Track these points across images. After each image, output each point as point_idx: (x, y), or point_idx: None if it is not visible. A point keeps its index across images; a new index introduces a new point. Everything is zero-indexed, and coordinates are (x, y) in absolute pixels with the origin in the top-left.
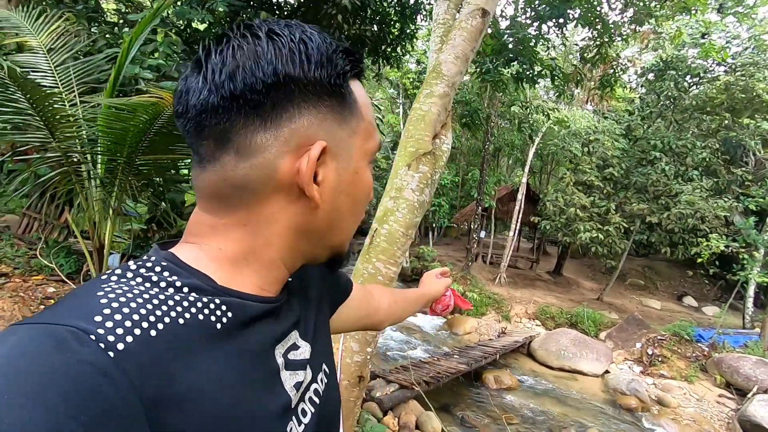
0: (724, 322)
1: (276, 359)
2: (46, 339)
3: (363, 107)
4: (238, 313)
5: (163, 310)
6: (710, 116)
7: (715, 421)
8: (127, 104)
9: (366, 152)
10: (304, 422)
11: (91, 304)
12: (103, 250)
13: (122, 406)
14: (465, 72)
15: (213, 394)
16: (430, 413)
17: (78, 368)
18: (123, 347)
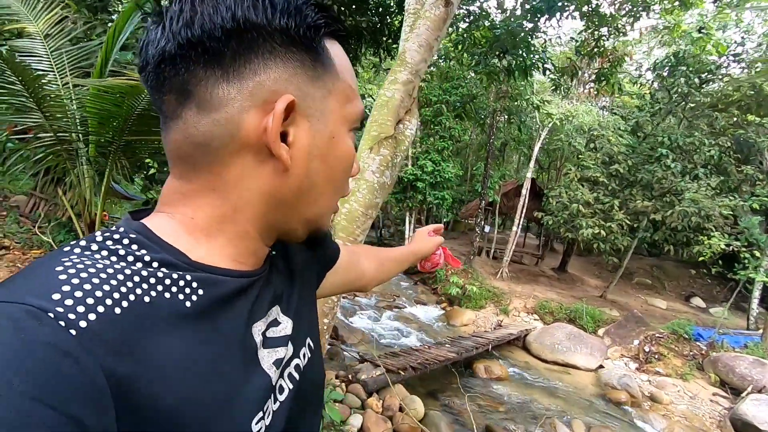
0: (731, 324)
1: (254, 338)
2: (3, 319)
3: (341, 68)
4: (210, 291)
5: (129, 286)
6: (722, 114)
7: (706, 419)
8: (106, 86)
9: (345, 117)
10: (280, 399)
11: (49, 279)
12: (94, 227)
13: (88, 386)
14: (429, 60)
15: (183, 373)
16: (414, 397)
17: (38, 350)
18: (86, 325)
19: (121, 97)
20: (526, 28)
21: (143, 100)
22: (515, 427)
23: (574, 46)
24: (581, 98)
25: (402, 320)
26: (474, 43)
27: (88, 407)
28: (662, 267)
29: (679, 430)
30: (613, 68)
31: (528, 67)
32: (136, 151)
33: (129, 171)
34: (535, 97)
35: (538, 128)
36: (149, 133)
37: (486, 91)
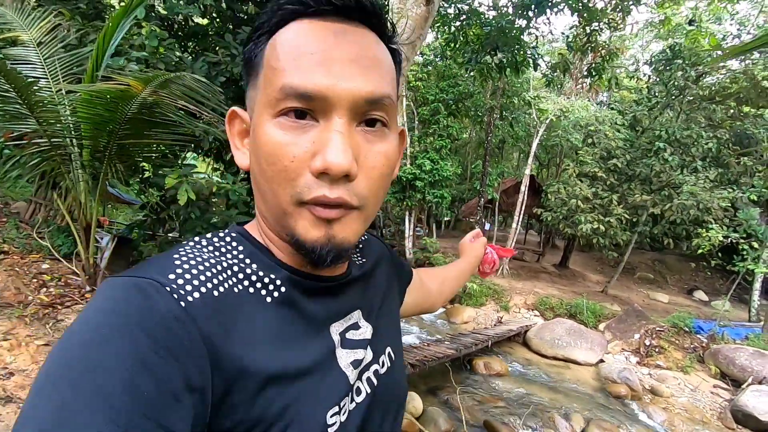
0: (733, 316)
1: (332, 336)
2: (133, 288)
3: (269, 55)
4: (292, 288)
5: (225, 276)
6: (719, 106)
7: (707, 410)
8: (98, 91)
9: (266, 103)
10: (357, 401)
11: (168, 264)
12: (90, 230)
13: (190, 345)
14: (413, 58)
15: (267, 350)
16: (413, 394)
17: (158, 311)
18: (192, 300)
19: (113, 101)
20: (518, 25)
21: (135, 104)
22: (514, 421)
23: (566, 41)
24: (579, 94)
25: (403, 319)
26: (466, 42)
27: (191, 363)
28: (664, 261)
29: (680, 422)
30: (605, 63)
31: (519, 64)
32: (130, 154)
33: (124, 175)
34: (529, 94)
35: (536, 125)
36: (142, 136)
37: (483, 88)
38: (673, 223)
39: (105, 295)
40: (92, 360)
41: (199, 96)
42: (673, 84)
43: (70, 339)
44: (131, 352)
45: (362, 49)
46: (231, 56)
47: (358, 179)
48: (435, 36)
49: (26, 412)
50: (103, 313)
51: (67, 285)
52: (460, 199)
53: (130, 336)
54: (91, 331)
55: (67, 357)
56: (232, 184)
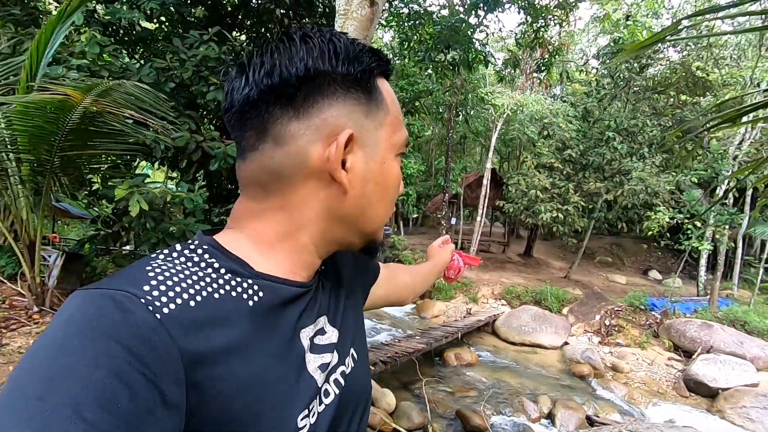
0: (684, 292)
1: (301, 342)
2: (107, 299)
3: (390, 102)
4: (269, 295)
5: (202, 285)
6: (661, 96)
7: (663, 381)
8: (33, 101)
9: (393, 145)
10: (326, 402)
11: (141, 275)
12: (35, 248)
13: (166, 358)
14: None
15: (242, 358)
16: (385, 390)
17: (133, 324)
18: (168, 311)
19: (53, 112)
20: (468, 24)
21: (76, 114)
22: (485, 409)
23: (515, 38)
24: (532, 89)
25: (374, 317)
26: (420, 41)
27: (167, 377)
28: (621, 245)
29: (639, 395)
30: (553, 58)
31: (471, 61)
32: (75, 166)
33: (69, 188)
34: (484, 90)
35: (494, 120)
36: (87, 147)
37: (442, 85)
38: (625, 207)
39: (75, 306)
40: (63, 371)
41: (145, 104)
42: (619, 76)
43: (39, 351)
44: (105, 364)
45: None
46: (180, 61)
47: None
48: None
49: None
50: (75, 324)
51: (12, 307)
52: (425, 195)
53: (104, 347)
54: (62, 343)
55: (36, 369)
56: (188, 192)
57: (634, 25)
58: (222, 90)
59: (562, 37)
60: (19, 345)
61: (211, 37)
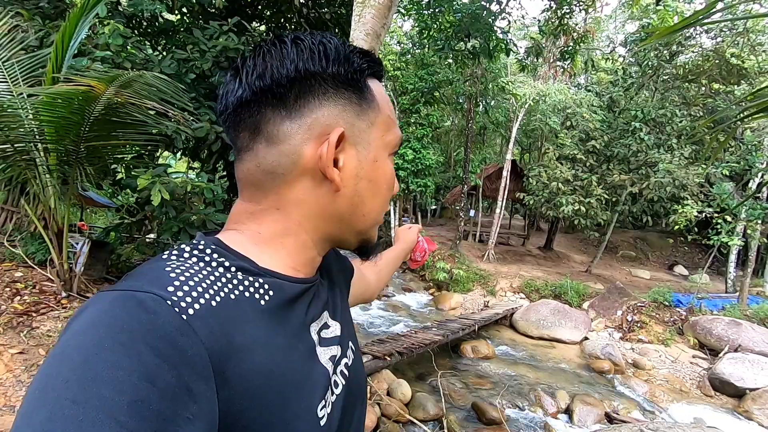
0: (711, 288)
1: (312, 336)
2: (133, 301)
3: (381, 102)
4: (278, 293)
5: (219, 286)
6: (692, 84)
7: (687, 380)
8: (58, 93)
9: (386, 144)
10: (336, 392)
11: (162, 276)
12: (62, 236)
13: (195, 357)
14: (377, 48)
15: (264, 353)
16: (401, 380)
17: (161, 325)
18: (193, 312)
19: (77, 103)
20: (491, 12)
21: (99, 105)
22: (501, 402)
23: (537, 26)
24: (555, 78)
25: (391, 308)
26: (440, 29)
27: (196, 375)
28: (645, 238)
29: (661, 393)
30: (578, 45)
31: (492, 50)
32: (100, 156)
33: (95, 177)
34: (504, 80)
35: (515, 110)
36: (110, 137)
37: (462, 75)
38: (651, 201)
39: (101, 308)
40: (95, 375)
41: (165, 95)
42: (647, 64)
43: (67, 354)
44: (136, 367)
45: None
46: (200, 52)
47: None
48: (411, 25)
49: (28, 416)
50: (104, 327)
51: (42, 292)
52: (444, 187)
53: (134, 350)
54: (91, 346)
55: (65, 372)
56: (208, 182)
57: (665, 10)
58: None
59: (588, 24)
60: (48, 328)
61: (230, 27)
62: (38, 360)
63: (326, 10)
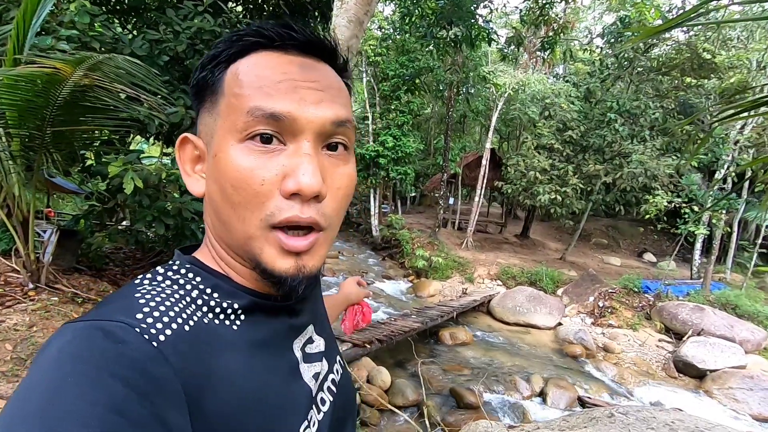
0: (678, 275)
1: (295, 353)
2: (98, 332)
3: (230, 82)
4: (256, 311)
5: (192, 309)
6: (665, 77)
7: (653, 362)
8: (21, 74)
9: (228, 130)
10: (323, 410)
11: (131, 303)
12: (28, 224)
13: (168, 386)
14: (361, 35)
15: (242, 378)
16: (380, 368)
17: (130, 354)
18: (164, 339)
19: (43, 86)
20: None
21: (66, 88)
22: (478, 387)
23: (519, 15)
24: (537, 67)
25: (371, 296)
26: (421, 15)
27: (169, 406)
28: (617, 227)
29: (629, 375)
30: (558, 36)
31: (474, 38)
32: (68, 142)
33: (62, 164)
34: (485, 69)
35: (495, 99)
36: (79, 122)
37: (443, 63)
38: (624, 190)
39: (65, 341)
40: (59, 412)
41: (136, 79)
42: (623, 56)
43: (32, 391)
44: (104, 401)
45: (326, 79)
46: (174, 33)
47: (326, 200)
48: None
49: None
50: (67, 360)
51: (7, 284)
52: (424, 174)
53: (100, 382)
54: (55, 381)
55: (32, 411)
56: None
57: (642, 3)
58: None
59: (568, 14)
60: (15, 322)
61: (206, 8)
62: (5, 355)
63: None
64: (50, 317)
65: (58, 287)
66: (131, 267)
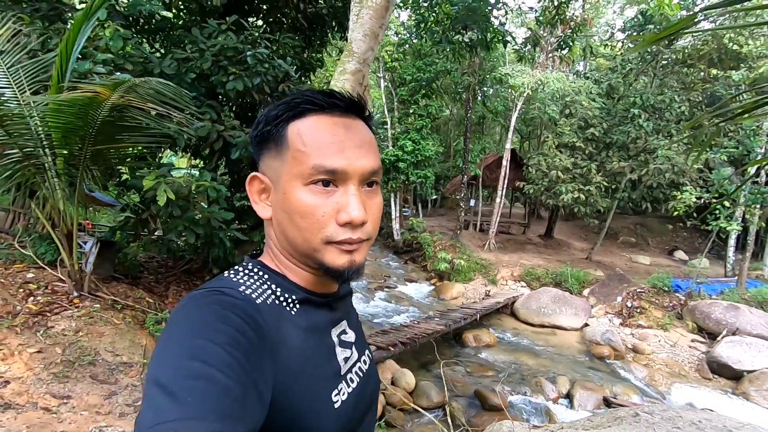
0: (711, 273)
1: (332, 338)
2: (218, 292)
3: (293, 139)
4: (305, 302)
5: (268, 294)
6: (690, 69)
7: (685, 364)
8: (65, 100)
9: (295, 175)
10: (352, 386)
11: (230, 282)
12: (72, 236)
13: (264, 329)
14: (376, 47)
15: (298, 349)
16: (405, 370)
17: (240, 305)
18: (259, 302)
19: (83, 108)
20: (487, 2)
21: (104, 109)
22: (503, 389)
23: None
24: (553, 66)
25: (393, 299)
26: (437, 21)
27: (265, 342)
28: (645, 224)
29: (660, 376)
30: (575, 34)
31: (489, 41)
32: (106, 158)
33: (101, 179)
34: (502, 70)
35: (514, 99)
36: (115, 140)
37: (460, 65)
38: (650, 187)
39: (195, 297)
40: (205, 326)
41: (166, 97)
42: (646, 49)
43: (184, 320)
44: (229, 322)
45: (363, 136)
46: (199, 51)
47: (366, 223)
48: (409, 15)
49: (160, 357)
50: (204, 306)
51: (54, 292)
52: (444, 176)
53: (225, 315)
54: (200, 313)
55: (185, 329)
56: (211, 180)
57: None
58: (241, 79)
59: (586, 11)
60: (63, 327)
61: (229, 26)
62: (55, 358)
63: (323, 4)
64: (94, 323)
65: (100, 295)
66: (164, 275)
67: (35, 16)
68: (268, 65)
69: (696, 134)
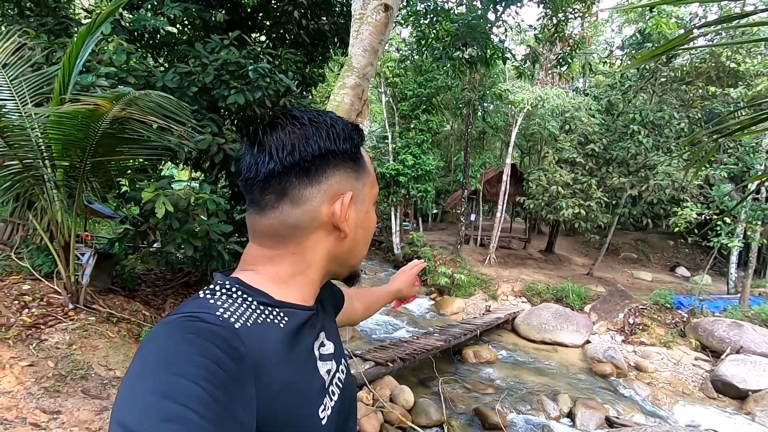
0: (713, 289)
1: (315, 353)
2: (194, 318)
3: (368, 165)
4: (292, 319)
5: (248, 314)
6: (689, 87)
7: (689, 382)
8: (66, 112)
9: (372, 197)
10: (334, 399)
11: (207, 305)
12: (69, 249)
13: (245, 358)
14: (375, 63)
15: (284, 367)
16: (403, 387)
17: (219, 332)
18: (238, 327)
19: (83, 121)
20: (487, 20)
21: (105, 121)
22: (504, 407)
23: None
24: (554, 82)
25: (393, 314)
26: (437, 38)
27: (246, 372)
28: (646, 240)
29: (663, 395)
30: (574, 52)
31: (489, 58)
32: (105, 170)
33: (100, 191)
34: (502, 86)
35: (514, 114)
36: (115, 152)
37: (460, 81)
38: (651, 203)
39: (172, 328)
40: (181, 359)
41: (168, 111)
42: (645, 67)
43: (158, 351)
44: (206, 353)
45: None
46: (202, 65)
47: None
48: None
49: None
50: (176, 333)
51: (49, 304)
52: (445, 191)
53: (202, 345)
54: (175, 344)
55: (160, 360)
56: (210, 193)
57: (659, 16)
58: (242, 93)
59: (585, 29)
60: (56, 341)
61: (231, 41)
62: (47, 372)
63: (325, 20)
64: (88, 336)
65: (95, 307)
66: (162, 287)
67: (41, 30)
68: (269, 80)
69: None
